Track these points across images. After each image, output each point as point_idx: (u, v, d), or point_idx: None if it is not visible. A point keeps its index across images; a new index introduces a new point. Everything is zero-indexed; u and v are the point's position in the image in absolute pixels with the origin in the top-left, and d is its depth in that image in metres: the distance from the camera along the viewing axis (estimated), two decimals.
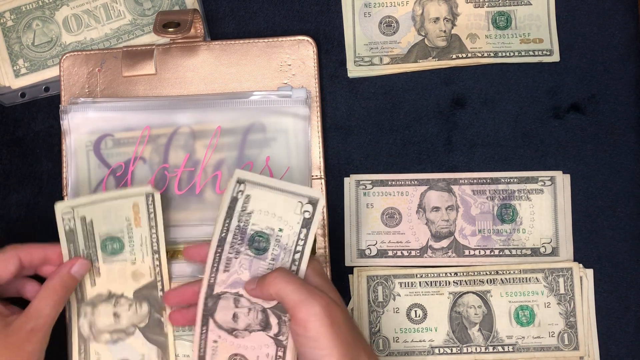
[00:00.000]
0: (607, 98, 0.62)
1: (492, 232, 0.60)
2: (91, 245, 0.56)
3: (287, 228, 0.52)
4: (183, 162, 0.59)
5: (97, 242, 0.56)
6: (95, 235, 0.56)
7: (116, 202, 0.56)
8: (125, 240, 0.56)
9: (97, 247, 0.56)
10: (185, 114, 0.60)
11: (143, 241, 0.57)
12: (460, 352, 0.59)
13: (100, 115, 0.60)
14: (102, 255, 0.56)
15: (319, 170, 0.60)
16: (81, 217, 0.56)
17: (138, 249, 0.57)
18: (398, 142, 0.62)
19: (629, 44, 0.62)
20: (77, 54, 0.62)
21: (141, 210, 0.56)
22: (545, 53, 0.62)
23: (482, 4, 0.63)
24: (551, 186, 0.60)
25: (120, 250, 0.56)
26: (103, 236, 0.56)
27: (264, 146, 0.59)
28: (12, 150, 0.63)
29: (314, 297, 0.47)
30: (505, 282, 0.59)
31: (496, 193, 0.61)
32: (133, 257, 0.57)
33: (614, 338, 0.59)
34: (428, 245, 0.60)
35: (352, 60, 0.63)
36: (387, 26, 0.63)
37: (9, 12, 0.64)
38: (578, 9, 0.63)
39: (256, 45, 0.62)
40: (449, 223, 0.60)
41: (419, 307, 0.59)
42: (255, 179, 0.52)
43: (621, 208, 0.61)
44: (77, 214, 0.56)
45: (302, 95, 0.60)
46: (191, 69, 0.62)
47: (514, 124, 0.62)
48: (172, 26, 0.59)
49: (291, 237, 0.52)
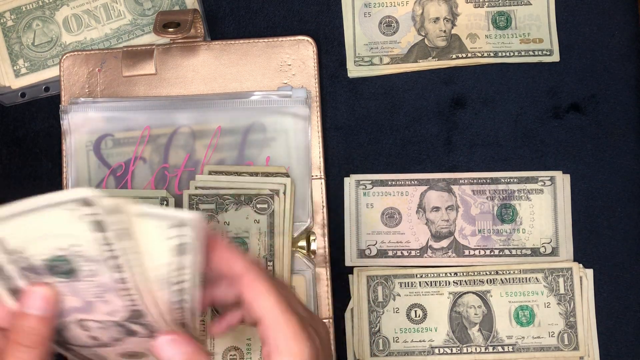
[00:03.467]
0: (607, 98, 0.62)
1: (492, 232, 0.60)
2: None
3: (78, 240, 0.39)
4: (183, 162, 0.60)
5: None
6: None
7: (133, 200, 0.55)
8: None
9: None
10: (186, 114, 0.60)
11: None
12: (460, 352, 0.59)
13: (100, 115, 0.60)
14: None
15: (319, 170, 0.60)
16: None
17: None
18: (398, 142, 0.62)
19: (629, 44, 0.62)
20: (77, 54, 0.62)
21: None
22: (545, 53, 0.62)
23: (482, 4, 0.63)
24: (551, 186, 0.60)
25: None
26: None
27: (264, 146, 0.59)
28: (12, 150, 0.63)
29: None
30: (505, 282, 0.59)
31: (496, 193, 0.61)
32: None
33: (614, 338, 0.59)
34: (428, 245, 0.60)
35: (352, 60, 0.63)
36: (387, 26, 0.63)
37: (9, 12, 0.64)
38: (578, 9, 0.63)
39: (256, 45, 0.62)
40: (449, 223, 0.60)
41: (419, 307, 0.59)
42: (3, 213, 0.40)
43: (621, 208, 0.61)
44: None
45: (302, 95, 0.60)
46: (191, 69, 0.62)
47: (514, 124, 0.62)
48: (172, 26, 0.59)
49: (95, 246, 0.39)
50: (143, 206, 0.38)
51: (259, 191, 0.56)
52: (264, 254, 0.56)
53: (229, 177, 0.57)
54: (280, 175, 0.57)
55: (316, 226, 0.60)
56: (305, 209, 0.59)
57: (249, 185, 0.56)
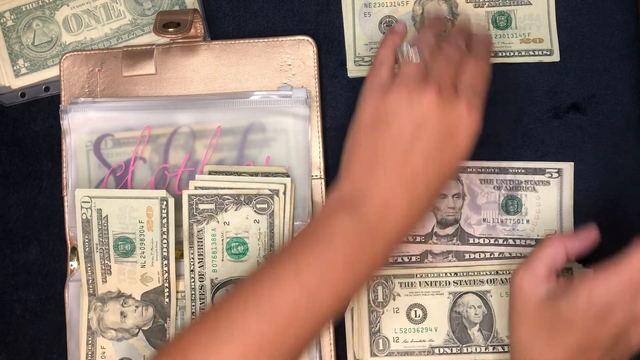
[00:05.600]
0: (607, 98, 0.62)
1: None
2: (104, 242, 0.57)
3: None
4: (183, 162, 0.60)
5: (110, 240, 0.57)
6: (109, 233, 0.56)
7: (132, 202, 0.56)
8: (136, 242, 0.57)
9: (109, 245, 0.57)
10: (185, 113, 0.60)
11: (154, 246, 0.57)
12: (460, 352, 0.59)
13: (100, 115, 0.60)
14: (114, 254, 0.57)
15: (319, 170, 0.60)
16: (98, 209, 0.56)
17: (148, 253, 0.57)
18: None
19: (629, 44, 0.62)
20: (77, 54, 0.62)
21: (154, 215, 0.56)
22: (546, 53, 0.62)
23: (482, 4, 0.63)
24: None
25: (131, 252, 0.57)
26: (116, 235, 0.56)
27: (264, 146, 0.59)
28: (12, 150, 0.63)
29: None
30: (505, 282, 0.59)
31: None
32: (143, 260, 0.57)
33: None
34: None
35: (352, 60, 0.63)
36: (387, 26, 0.63)
37: (9, 12, 0.64)
38: (578, 9, 0.63)
39: (256, 45, 0.62)
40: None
41: (419, 307, 0.59)
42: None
43: (621, 208, 0.61)
44: (95, 205, 0.56)
45: (302, 95, 0.60)
46: (191, 69, 0.62)
47: (514, 124, 0.62)
48: (172, 26, 0.59)
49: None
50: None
51: (258, 191, 0.56)
52: (264, 254, 0.56)
53: (229, 177, 0.57)
54: (280, 175, 0.57)
55: None
56: (305, 209, 0.59)
57: (248, 186, 0.56)
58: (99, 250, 0.57)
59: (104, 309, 0.57)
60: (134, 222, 0.56)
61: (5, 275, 0.62)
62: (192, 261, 0.55)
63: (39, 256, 0.62)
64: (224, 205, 0.55)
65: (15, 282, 0.62)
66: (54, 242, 0.62)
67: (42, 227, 0.62)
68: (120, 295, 0.57)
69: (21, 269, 0.62)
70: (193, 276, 0.56)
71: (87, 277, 0.57)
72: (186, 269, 0.56)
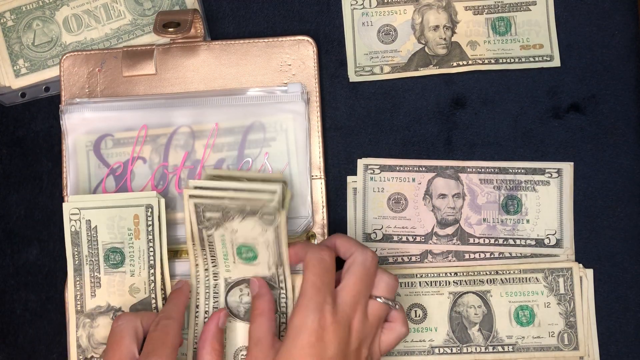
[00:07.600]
0: (607, 98, 0.62)
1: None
2: (94, 253, 0.56)
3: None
4: (182, 161, 0.59)
5: (100, 251, 0.56)
6: (98, 244, 0.56)
7: (120, 210, 0.56)
8: (125, 251, 0.56)
9: (99, 256, 0.56)
10: (183, 112, 0.60)
11: (141, 254, 0.56)
12: (460, 352, 0.59)
13: (99, 115, 0.60)
14: (104, 265, 0.56)
15: (319, 170, 0.60)
16: (87, 220, 0.56)
17: (137, 262, 0.56)
18: (398, 142, 0.62)
19: (629, 44, 0.62)
20: (77, 54, 0.62)
21: (141, 223, 0.56)
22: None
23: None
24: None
25: (121, 263, 0.56)
26: (106, 246, 0.56)
27: (263, 146, 0.59)
28: (12, 150, 0.63)
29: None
30: (505, 282, 0.59)
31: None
32: (132, 269, 0.56)
33: (614, 338, 0.59)
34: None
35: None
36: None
37: (9, 12, 0.64)
38: (578, 9, 0.63)
39: (256, 45, 0.62)
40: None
41: (419, 307, 0.59)
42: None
43: (621, 208, 0.61)
44: (83, 216, 0.56)
45: (298, 90, 0.60)
46: (191, 69, 0.62)
47: (514, 124, 0.62)
48: (172, 26, 0.59)
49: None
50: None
51: (264, 203, 0.53)
52: (275, 259, 0.54)
53: (226, 182, 0.54)
54: (276, 182, 0.55)
55: (316, 226, 0.60)
56: (305, 205, 0.59)
57: (245, 196, 0.54)
58: (89, 263, 0.56)
59: (93, 324, 0.56)
60: (123, 230, 0.56)
61: (5, 275, 0.62)
62: (206, 261, 0.55)
63: (39, 256, 0.62)
64: (231, 215, 0.54)
65: (15, 282, 0.62)
66: (54, 242, 0.62)
67: (42, 227, 0.62)
68: (110, 309, 0.56)
69: (21, 269, 0.62)
70: (207, 275, 0.55)
71: (75, 293, 0.56)
72: (200, 268, 0.55)
